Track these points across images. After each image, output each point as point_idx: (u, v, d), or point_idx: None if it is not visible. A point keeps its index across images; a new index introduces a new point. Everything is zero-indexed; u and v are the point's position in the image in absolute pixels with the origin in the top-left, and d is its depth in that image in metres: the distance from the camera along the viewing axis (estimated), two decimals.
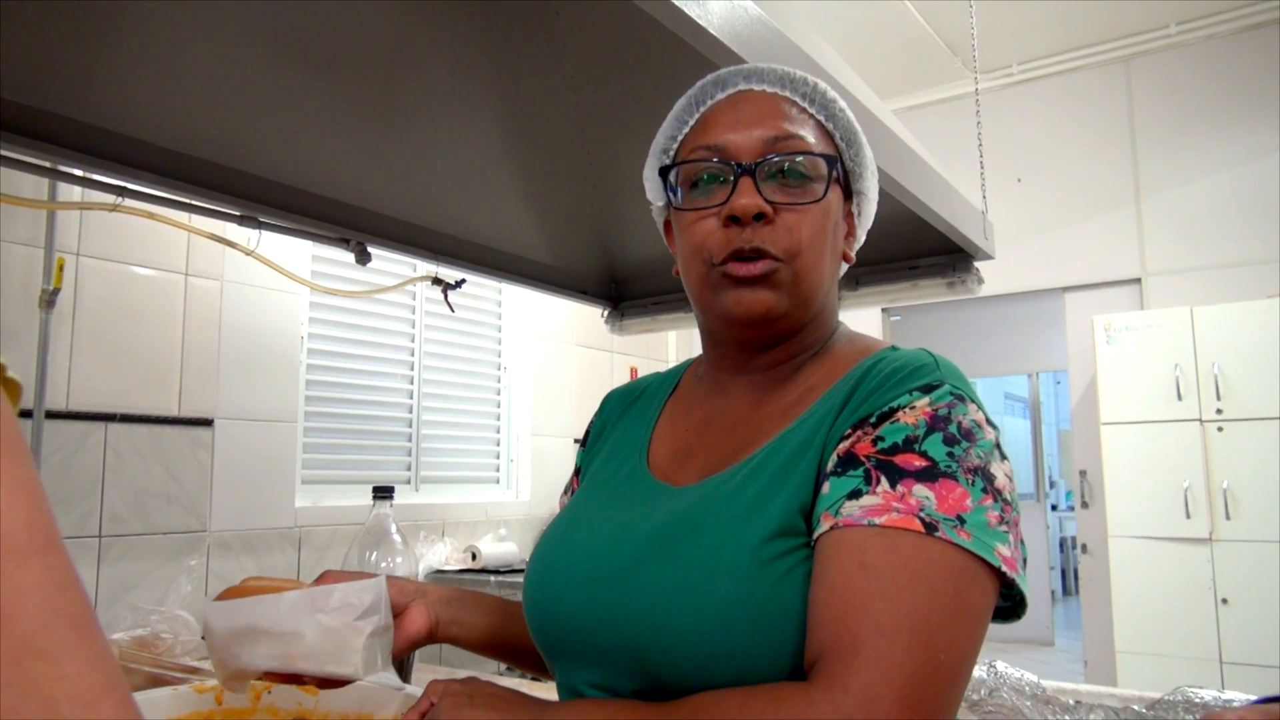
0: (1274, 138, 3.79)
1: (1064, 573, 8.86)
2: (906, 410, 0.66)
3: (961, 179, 2.01)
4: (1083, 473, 4.20)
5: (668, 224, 0.85)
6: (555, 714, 0.65)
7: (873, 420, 0.67)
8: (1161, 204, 4.04)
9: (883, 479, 0.63)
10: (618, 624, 0.68)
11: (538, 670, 0.87)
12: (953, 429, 0.65)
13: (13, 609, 0.29)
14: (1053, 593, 7.32)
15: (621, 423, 0.90)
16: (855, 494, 0.63)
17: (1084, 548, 4.18)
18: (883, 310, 4.63)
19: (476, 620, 0.89)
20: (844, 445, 0.67)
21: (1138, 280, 4.08)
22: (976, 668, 1.26)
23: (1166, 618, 3.47)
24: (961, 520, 0.61)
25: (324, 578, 0.80)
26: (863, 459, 0.65)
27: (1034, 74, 4.37)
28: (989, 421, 0.69)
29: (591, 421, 0.97)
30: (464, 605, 0.89)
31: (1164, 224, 4.03)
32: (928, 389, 0.67)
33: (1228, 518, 3.38)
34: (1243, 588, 3.33)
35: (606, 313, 2.45)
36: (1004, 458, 0.68)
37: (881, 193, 1.56)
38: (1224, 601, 3.36)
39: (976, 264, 2.07)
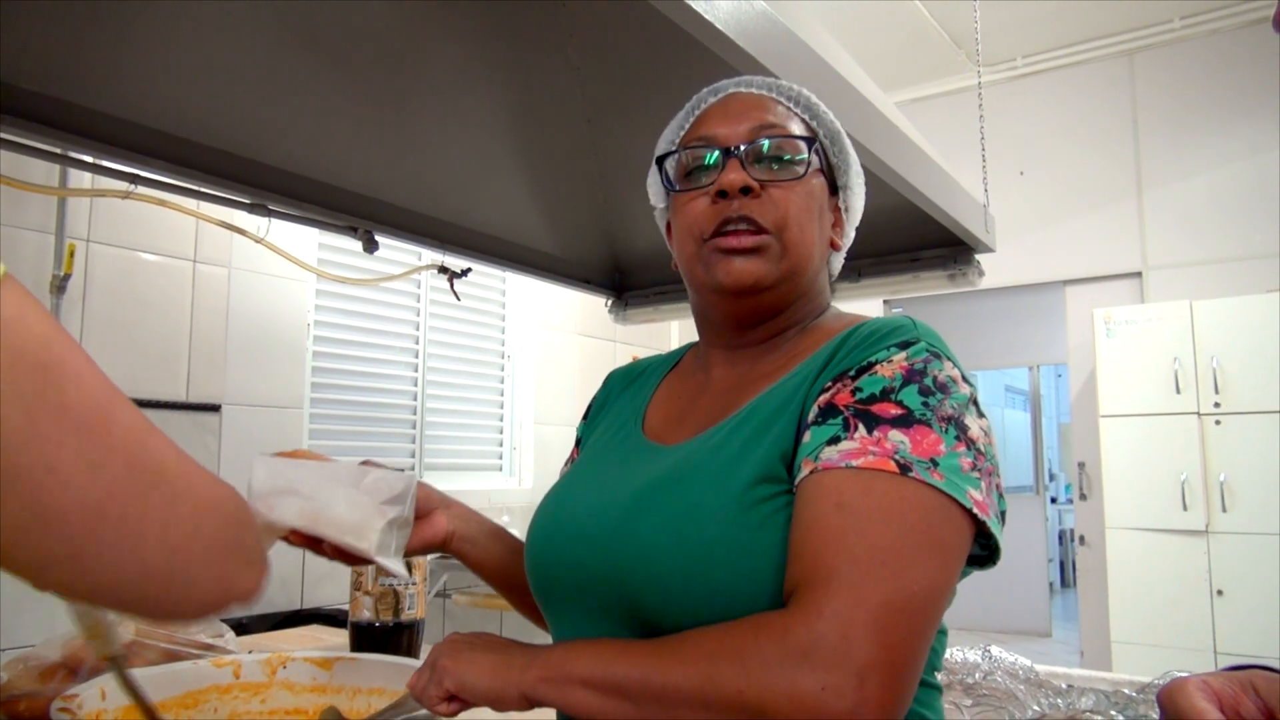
0: (1275, 133, 3.80)
1: (1063, 565, 8.88)
2: (884, 364, 0.70)
3: (965, 172, 2.03)
4: (1081, 465, 4.22)
5: (669, 226, 0.89)
6: (549, 653, 0.68)
7: (851, 373, 0.70)
8: (1163, 198, 4.05)
9: (860, 426, 0.66)
10: (612, 575, 0.72)
11: (534, 615, 0.90)
12: (928, 381, 0.68)
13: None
14: (1051, 585, 7.35)
15: (622, 397, 0.95)
16: (834, 440, 0.66)
17: (1082, 539, 4.21)
18: (884, 302, 4.64)
19: (489, 545, 0.93)
20: (824, 397, 0.70)
21: (1138, 274, 4.10)
22: (971, 651, 1.29)
23: (1162, 609, 3.50)
24: (935, 463, 0.64)
25: (366, 464, 0.83)
26: (842, 408, 0.68)
27: (1038, 67, 4.38)
28: (965, 379, 0.72)
29: (594, 396, 1.01)
30: (482, 529, 0.94)
31: (1165, 218, 4.04)
32: (905, 345, 0.71)
33: (1224, 510, 3.41)
34: (1238, 579, 3.36)
35: (610, 302, 2.47)
36: (981, 415, 0.71)
37: (883, 185, 1.59)
38: (1219, 593, 3.39)
39: (977, 256, 2.09)
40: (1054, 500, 8.71)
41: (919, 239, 2.06)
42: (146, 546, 0.46)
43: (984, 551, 0.70)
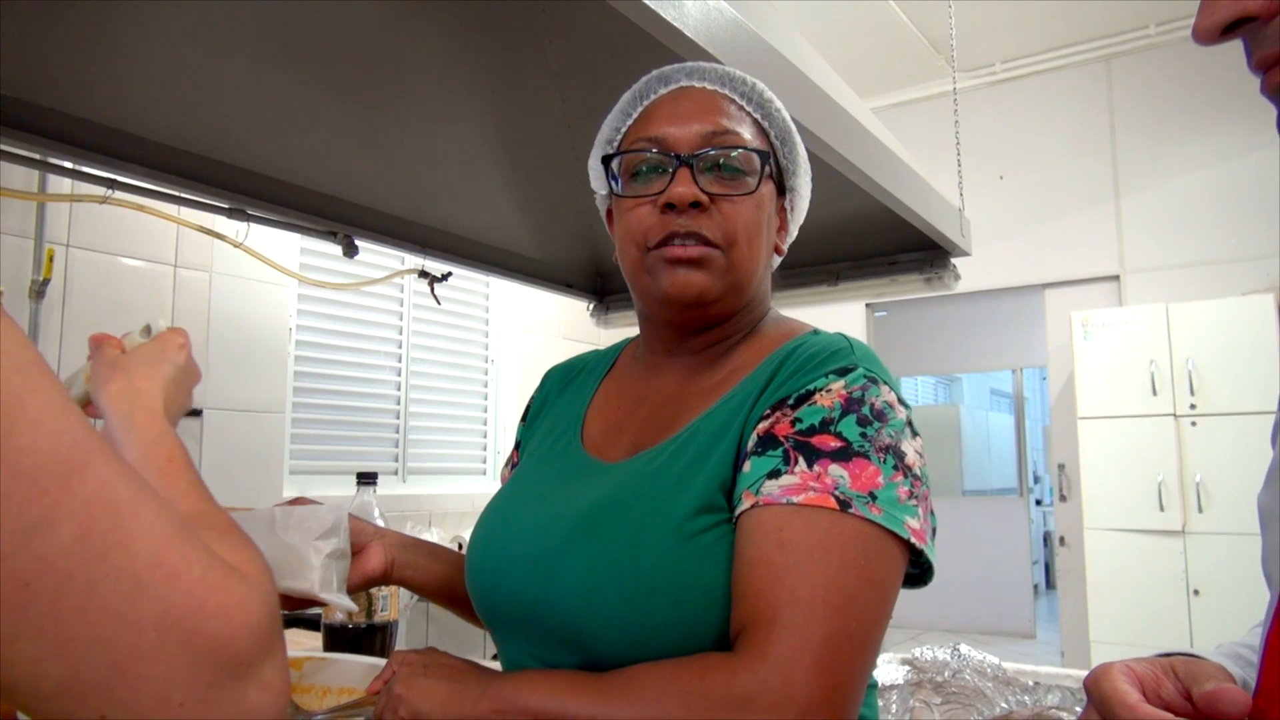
0: (1250, 137, 3.85)
1: (1048, 567, 8.92)
2: (823, 393, 0.70)
3: (945, 176, 2.05)
4: (1061, 466, 4.26)
5: (609, 212, 0.88)
6: (500, 684, 0.68)
7: (791, 402, 0.70)
8: (1140, 202, 4.10)
9: (800, 459, 0.67)
10: (552, 601, 0.72)
11: (482, 625, 0.90)
12: (866, 410, 0.69)
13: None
14: (1035, 586, 7.39)
15: (561, 399, 0.94)
16: (775, 473, 0.67)
17: (1062, 540, 4.25)
18: (867, 306, 4.67)
19: (430, 566, 0.93)
20: (764, 425, 0.70)
21: (1116, 277, 4.14)
22: (941, 650, 1.31)
23: (1140, 609, 3.54)
24: (873, 497, 0.65)
25: (294, 503, 0.83)
26: (782, 439, 0.68)
27: (1016, 73, 4.42)
28: (901, 401, 0.73)
29: (532, 397, 1.00)
30: (419, 551, 0.94)
31: (1142, 222, 4.09)
32: (843, 372, 0.71)
33: (1200, 510, 3.45)
34: (1214, 579, 3.40)
35: (592, 306, 2.48)
36: (915, 435, 0.72)
37: (860, 190, 1.61)
38: (1196, 593, 3.43)
39: (953, 260, 2.11)
40: (1039, 502, 8.75)
41: (896, 243, 2.08)
42: (79, 649, 0.34)
43: (916, 570, 0.71)
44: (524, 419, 0.99)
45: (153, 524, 0.38)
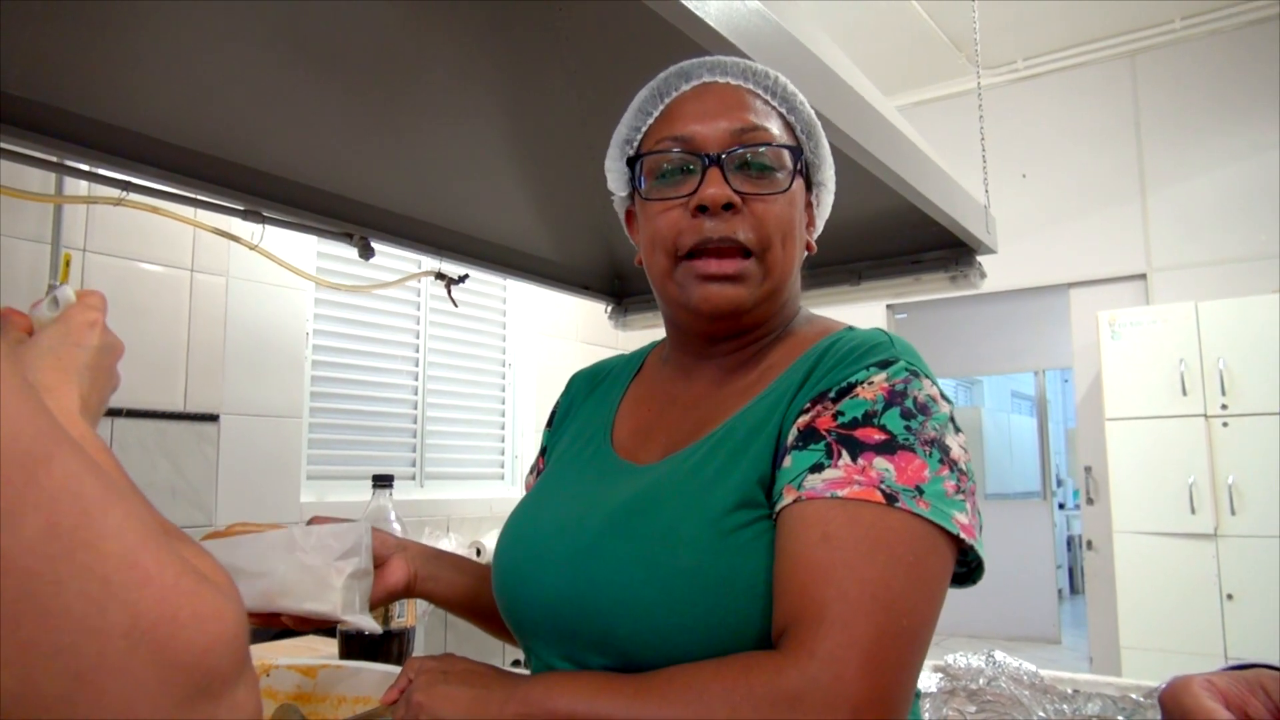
0: (1278, 132, 3.78)
1: (1072, 571, 8.82)
2: (865, 385, 0.68)
3: (967, 174, 2.02)
4: (1088, 469, 4.19)
5: (629, 214, 0.86)
6: (528, 686, 0.65)
7: (832, 395, 0.68)
8: (1166, 199, 4.03)
9: (844, 452, 0.64)
10: (584, 600, 0.69)
11: (508, 636, 0.88)
12: (909, 403, 0.67)
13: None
14: (1060, 591, 7.29)
15: (587, 403, 0.92)
16: (817, 467, 0.64)
17: (1089, 544, 4.18)
18: (888, 307, 4.63)
19: (454, 579, 0.91)
20: (804, 419, 0.68)
21: (1143, 276, 4.08)
22: (975, 657, 1.27)
23: (1171, 613, 3.47)
24: (920, 490, 0.63)
25: (313, 522, 0.81)
26: (823, 433, 0.66)
27: (1039, 70, 4.37)
28: (943, 396, 0.70)
29: (558, 402, 0.98)
30: (442, 563, 0.91)
31: (1169, 219, 4.02)
32: (884, 364, 0.69)
33: (1232, 513, 3.38)
34: (1247, 583, 3.33)
35: (610, 309, 2.46)
36: (958, 431, 0.69)
37: (884, 187, 1.58)
38: (1229, 597, 3.36)
39: (979, 258, 2.07)
40: (1062, 506, 8.65)
41: (920, 241, 2.04)
42: (40, 655, 0.31)
43: (964, 568, 0.69)
44: (549, 424, 0.97)
45: (123, 524, 0.35)
